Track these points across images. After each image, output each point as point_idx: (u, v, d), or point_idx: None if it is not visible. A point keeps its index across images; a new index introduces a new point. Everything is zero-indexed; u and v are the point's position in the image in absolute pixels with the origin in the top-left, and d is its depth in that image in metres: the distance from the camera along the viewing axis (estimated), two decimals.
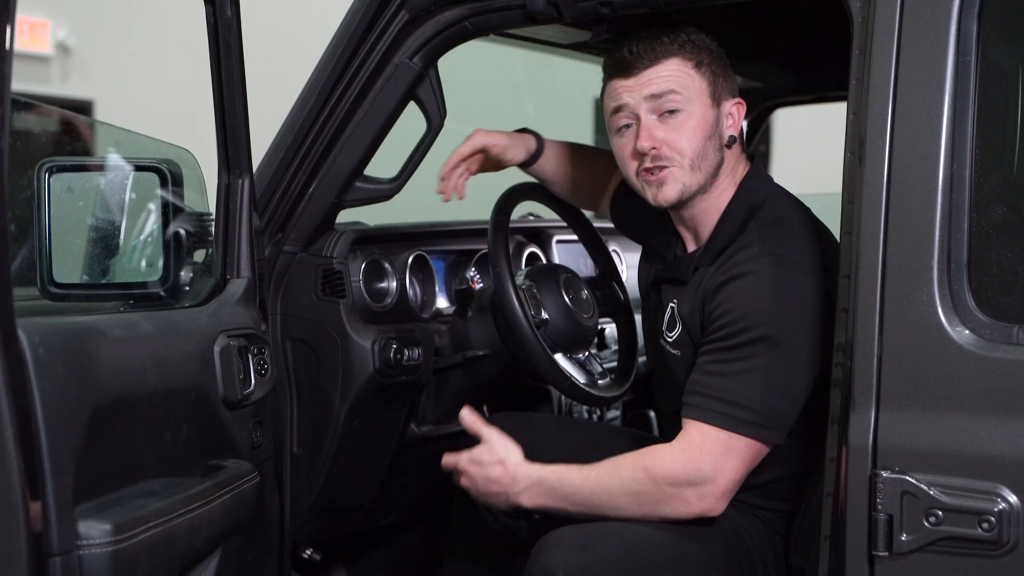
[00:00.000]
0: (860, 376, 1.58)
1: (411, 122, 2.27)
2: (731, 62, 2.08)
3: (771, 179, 2.10)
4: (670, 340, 2.08)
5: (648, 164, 1.99)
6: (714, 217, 2.04)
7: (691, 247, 2.11)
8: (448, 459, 2.12)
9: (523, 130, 2.39)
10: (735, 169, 2.06)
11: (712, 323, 1.92)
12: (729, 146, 2.04)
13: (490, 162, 2.34)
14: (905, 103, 1.58)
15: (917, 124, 1.57)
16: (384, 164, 2.29)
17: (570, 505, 1.97)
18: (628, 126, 2.02)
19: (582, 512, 1.96)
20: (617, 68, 2.02)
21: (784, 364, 1.85)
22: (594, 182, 2.43)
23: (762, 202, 2.01)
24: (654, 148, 1.98)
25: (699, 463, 1.87)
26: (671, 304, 2.08)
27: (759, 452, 1.88)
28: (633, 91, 2.00)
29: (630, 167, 2.04)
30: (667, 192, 2.00)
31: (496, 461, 2.05)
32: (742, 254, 1.94)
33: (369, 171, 2.28)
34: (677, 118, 1.98)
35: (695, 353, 1.97)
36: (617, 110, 2.03)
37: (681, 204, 2.03)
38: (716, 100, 2.01)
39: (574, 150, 2.43)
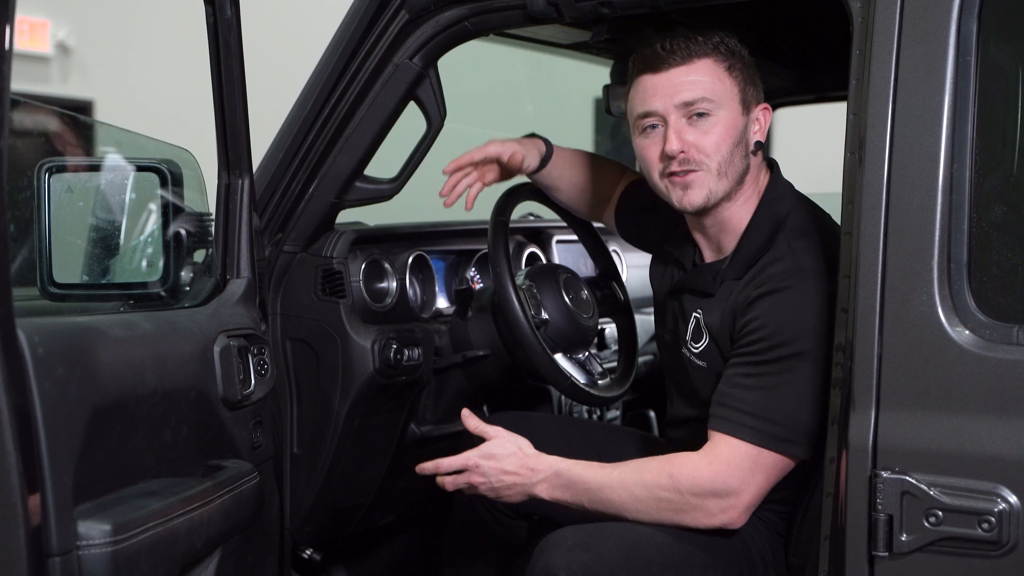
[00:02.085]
0: (860, 376, 1.58)
1: (411, 122, 2.26)
2: None
3: (792, 187, 2.08)
4: (696, 351, 2.06)
5: (675, 168, 1.96)
6: (736, 227, 2.02)
7: (709, 255, 2.09)
8: (453, 461, 2.05)
9: (531, 135, 2.37)
10: (758, 177, 2.04)
11: (744, 337, 1.91)
12: (755, 153, 2.02)
13: (504, 171, 2.33)
14: (905, 103, 1.58)
15: (917, 124, 1.57)
16: (384, 164, 2.29)
17: (587, 502, 1.96)
18: (654, 127, 1.99)
19: (598, 510, 1.95)
20: (648, 64, 1.98)
21: (817, 380, 1.83)
22: (599, 192, 2.42)
23: (787, 212, 1.98)
24: (683, 152, 1.95)
25: (726, 476, 1.86)
26: (695, 315, 2.06)
27: (786, 466, 1.88)
28: (663, 96, 1.96)
29: (654, 169, 2.00)
30: (693, 196, 1.97)
31: (511, 453, 2.02)
32: (774, 268, 1.92)
33: (369, 171, 2.28)
34: (707, 122, 1.95)
35: (723, 365, 1.96)
36: (645, 114, 1.99)
37: (705, 210, 2.01)
38: (746, 106, 1.99)
39: (580, 157, 2.41)
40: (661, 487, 1.90)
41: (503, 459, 2.02)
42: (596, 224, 2.60)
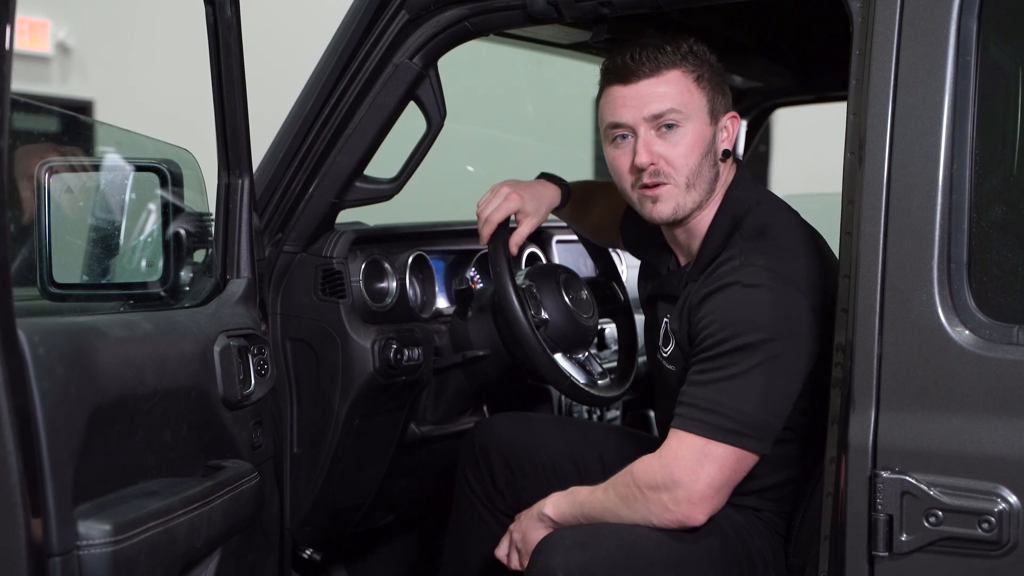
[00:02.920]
0: (860, 376, 1.58)
1: (411, 122, 2.27)
2: (731, 62, 2.08)
3: (756, 185, 2.10)
4: (665, 356, 2.09)
5: (646, 179, 1.99)
6: (702, 231, 2.04)
7: (683, 261, 2.12)
8: (503, 541, 2.16)
9: (548, 176, 2.36)
10: (726, 180, 2.06)
11: (697, 335, 1.93)
12: (724, 160, 2.04)
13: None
14: (905, 103, 1.58)
15: (917, 124, 1.57)
16: (384, 164, 2.29)
17: (581, 516, 2.00)
18: (624, 137, 2.01)
19: (591, 522, 1.98)
20: (617, 74, 2.00)
21: (764, 373, 1.85)
22: (609, 220, 2.44)
23: (746, 213, 2.00)
24: (652, 164, 1.97)
25: (672, 468, 1.87)
26: (665, 319, 2.09)
27: (741, 460, 1.88)
28: (632, 108, 1.98)
29: (625, 180, 2.03)
30: (661, 208, 2.00)
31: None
32: (725, 267, 1.94)
33: (369, 171, 2.28)
34: (676, 134, 1.98)
35: (686, 367, 1.97)
36: (615, 125, 2.01)
37: (675, 222, 2.03)
38: (714, 116, 2.01)
39: (593, 193, 2.43)
40: (624, 484, 1.93)
41: (527, 511, 2.11)
42: None
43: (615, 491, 1.95)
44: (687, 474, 1.86)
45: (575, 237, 2.65)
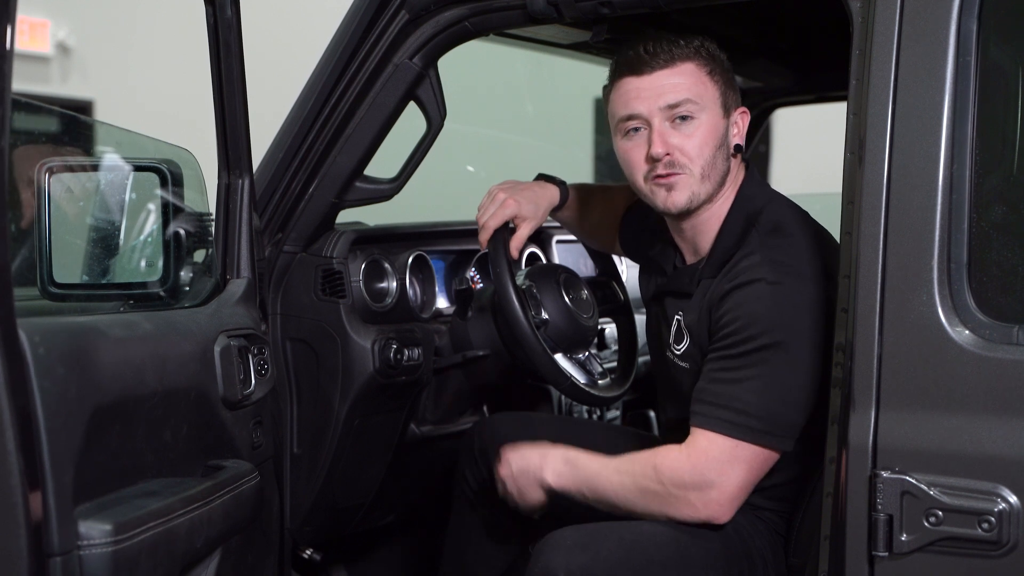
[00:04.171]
0: (860, 376, 1.58)
1: (411, 122, 2.27)
2: (731, 62, 2.09)
3: (767, 184, 2.10)
4: (678, 352, 2.08)
5: (660, 170, 1.99)
6: (714, 227, 2.04)
7: (690, 258, 2.12)
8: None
9: (546, 177, 2.36)
10: (736, 177, 2.06)
11: (718, 331, 1.92)
12: (735, 155, 2.04)
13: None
14: (905, 103, 1.58)
15: (917, 124, 1.58)
16: (384, 164, 2.29)
17: (586, 490, 2.00)
18: (637, 130, 2.01)
19: (596, 500, 1.98)
20: (630, 66, 2.00)
21: (790, 371, 1.85)
22: (607, 222, 2.44)
23: (760, 209, 2.01)
24: (668, 154, 1.97)
25: (704, 469, 1.87)
26: (677, 316, 2.08)
27: (767, 459, 1.88)
28: (647, 99, 1.98)
29: (638, 172, 2.02)
30: (677, 197, 1.99)
31: (530, 445, 2.11)
32: (745, 262, 1.94)
33: (369, 171, 2.28)
34: (690, 125, 1.98)
35: (703, 363, 1.97)
36: (629, 117, 2.00)
37: (687, 212, 2.03)
38: (726, 110, 2.02)
39: (592, 194, 2.43)
40: (647, 478, 1.92)
41: (523, 447, 2.11)
42: None
43: (632, 479, 1.94)
44: (719, 475, 1.86)
45: (575, 237, 2.65)
